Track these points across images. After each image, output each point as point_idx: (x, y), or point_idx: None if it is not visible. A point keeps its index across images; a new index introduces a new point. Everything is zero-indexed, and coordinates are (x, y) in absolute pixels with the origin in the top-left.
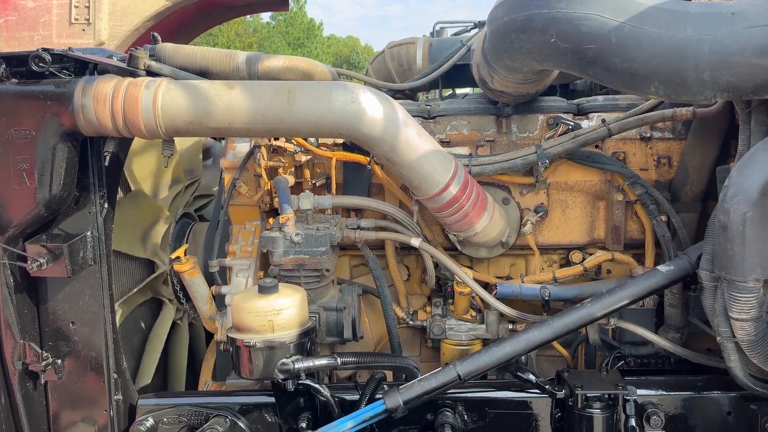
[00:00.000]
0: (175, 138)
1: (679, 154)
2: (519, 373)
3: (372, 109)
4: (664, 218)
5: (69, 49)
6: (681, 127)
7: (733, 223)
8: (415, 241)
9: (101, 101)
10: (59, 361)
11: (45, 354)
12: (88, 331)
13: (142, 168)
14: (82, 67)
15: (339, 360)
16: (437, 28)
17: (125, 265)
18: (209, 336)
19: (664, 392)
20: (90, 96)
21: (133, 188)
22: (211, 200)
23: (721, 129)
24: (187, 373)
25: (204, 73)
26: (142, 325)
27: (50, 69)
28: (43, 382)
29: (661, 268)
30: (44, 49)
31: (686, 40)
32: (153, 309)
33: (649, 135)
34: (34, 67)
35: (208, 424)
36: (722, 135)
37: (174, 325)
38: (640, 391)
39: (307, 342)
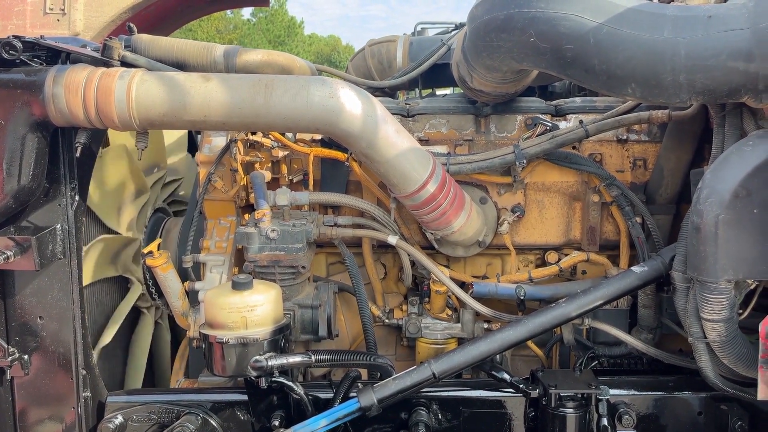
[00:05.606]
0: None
1: (654, 157)
2: (494, 373)
3: (351, 104)
4: (639, 220)
5: (41, 37)
6: (657, 130)
7: (706, 225)
8: (392, 239)
9: (73, 91)
10: (26, 356)
11: (11, 349)
12: (56, 327)
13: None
14: (54, 56)
15: (313, 357)
16: (418, 28)
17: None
18: (174, 339)
19: (637, 392)
20: (61, 85)
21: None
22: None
23: (696, 132)
24: (146, 372)
25: (181, 66)
26: (110, 307)
27: (21, 57)
28: (9, 378)
29: (635, 269)
30: (15, 37)
31: (663, 42)
32: (121, 291)
33: (625, 137)
34: (5, 55)
35: (178, 421)
36: (697, 138)
37: (141, 314)
38: (612, 391)
39: (281, 339)
